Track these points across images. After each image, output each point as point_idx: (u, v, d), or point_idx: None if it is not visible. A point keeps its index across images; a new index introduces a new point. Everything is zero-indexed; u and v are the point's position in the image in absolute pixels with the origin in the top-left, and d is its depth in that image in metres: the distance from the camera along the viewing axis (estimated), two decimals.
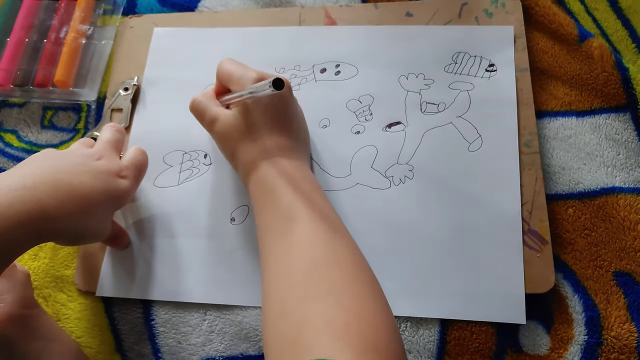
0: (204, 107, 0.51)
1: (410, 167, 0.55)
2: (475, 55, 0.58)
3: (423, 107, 0.57)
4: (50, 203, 0.42)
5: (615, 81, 0.55)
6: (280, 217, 0.44)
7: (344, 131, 0.57)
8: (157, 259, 0.55)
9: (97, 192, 0.46)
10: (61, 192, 0.44)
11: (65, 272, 0.56)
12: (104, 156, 0.50)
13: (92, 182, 0.46)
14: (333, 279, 0.39)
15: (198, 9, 0.67)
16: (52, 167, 0.45)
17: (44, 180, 0.43)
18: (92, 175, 0.47)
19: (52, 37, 0.66)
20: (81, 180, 0.45)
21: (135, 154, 0.53)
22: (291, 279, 0.40)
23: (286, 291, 0.40)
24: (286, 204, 0.45)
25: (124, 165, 0.51)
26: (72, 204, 0.44)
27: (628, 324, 0.48)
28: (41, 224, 0.42)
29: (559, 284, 0.50)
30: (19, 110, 0.64)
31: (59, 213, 0.43)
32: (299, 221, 0.43)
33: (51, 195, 0.43)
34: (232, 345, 0.51)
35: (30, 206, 0.41)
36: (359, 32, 0.62)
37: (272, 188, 0.46)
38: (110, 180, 0.48)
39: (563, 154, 0.55)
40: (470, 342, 0.49)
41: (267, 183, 0.47)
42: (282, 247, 0.43)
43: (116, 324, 0.54)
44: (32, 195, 0.42)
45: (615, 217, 0.52)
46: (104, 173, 0.48)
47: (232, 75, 0.50)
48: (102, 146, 0.51)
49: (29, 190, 0.42)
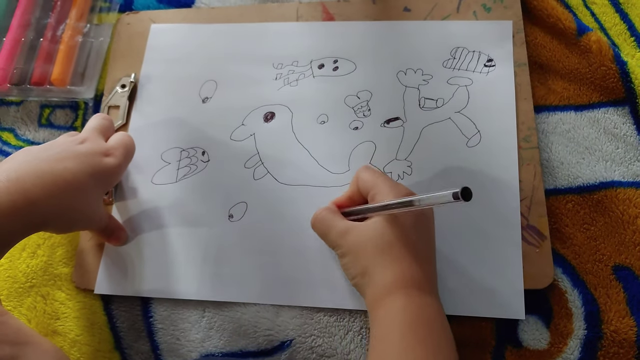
0: (330, 221, 0.47)
1: (409, 163, 0.55)
2: (474, 51, 0.58)
3: (421, 102, 0.57)
4: (36, 192, 0.43)
5: (613, 75, 0.55)
6: None
7: (343, 127, 0.57)
8: (155, 256, 0.55)
9: (82, 175, 0.46)
10: (45, 180, 0.44)
11: (64, 270, 0.56)
12: (88, 139, 0.50)
13: (77, 166, 0.46)
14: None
15: (195, 5, 0.67)
16: (35, 158, 0.46)
17: (27, 172, 0.44)
18: (76, 159, 0.47)
19: (49, 35, 0.65)
20: (65, 166, 0.46)
21: (121, 135, 0.53)
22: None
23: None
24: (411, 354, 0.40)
25: (110, 145, 0.51)
26: (58, 191, 0.45)
27: (627, 318, 0.48)
28: (28, 213, 0.43)
29: (558, 279, 0.50)
30: (17, 109, 0.64)
31: (45, 201, 0.44)
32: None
33: (36, 185, 0.43)
34: (231, 342, 0.51)
35: (15, 197, 0.42)
36: (357, 27, 0.62)
37: (405, 329, 0.41)
38: (96, 160, 0.48)
39: (562, 148, 0.54)
40: (471, 337, 0.49)
41: (400, 320, 0.41)
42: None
43: (115, 321, 0.54)
44: (17, 187, 0.43)
45: (614, 212, 0.51)
46: (88, 155, 0.48)
47: (377, 185, 0.46)
48: (86, 131, 0.52)
49: (13, 182, 0.43)
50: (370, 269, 0.44)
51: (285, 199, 0.55)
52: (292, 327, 0.51)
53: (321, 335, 0.50)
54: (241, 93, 0.60)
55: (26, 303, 0.55)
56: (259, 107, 0.59)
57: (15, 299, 0.55)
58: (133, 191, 0.57)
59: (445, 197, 0.36)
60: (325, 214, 0.48)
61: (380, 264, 0.43)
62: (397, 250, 0.43)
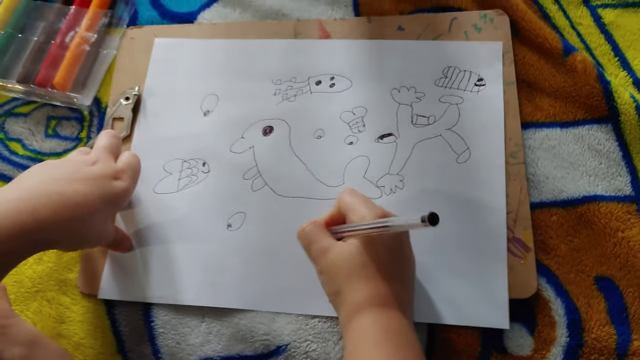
0: (314, 236, 0.48)
1: (401, 178, 0.57)
2: (465, 70, 0.61)
3: (414, 119, 0.59)
4: (45, 213, 0.44)
5: (597, 94, 0.58)
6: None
7: (338, 142, 0.59)
8: (157, 263, 0.57)
9: (92, 198, 0.47)
10: (55, 202, 0.45)
11: (69, 276, 0.58)
12: (99, 160, 0.51)
13: (87, 188, 0.47)
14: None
15: (197, 21, 0.69)
16: (46, 178, 0.47)
17: (38, 192, 0.45)
18: (87, 182, 0.48)
19: (58, 40, 0.68)
20: (74, 188, 0.47)
21: (129, 156, 0.54)
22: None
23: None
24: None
25: (120, 167, 0.52)
26: (67, 213, 0.45)
27: (608, 327, 0.50)
28: (36, 234, 0.44)
29: (542, 288, 0.52)
30: (24, 120, 0.66)
31: (54, 222, 0.44)
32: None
33: (46, 206, 0.44)
34: (229, 346, 0.53)
35: (24, 216, 0.43)
36: (353, 45, 0.64)
37: (374, 342, 0.42)
38: (106, 183, 0.49)
39: (547, 163, 0.57)
40: (457, 344, 0.51)
41: (369, 335, 0.43)
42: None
43: (117, 325, 0.56)
44: (27, 207, 0.43)
45: (596, 224, 0.54)
46: (99, 178, 0.49)
47: (355, 206, 0.47)
48: (97, 151, 0.53)
49: (24, 201, 0.44)
50: (343, 289, 0.45)
51: (282, 210, 0.57)
52: (287, 332, 0.53)
53: (315, 341, 0.52)
54: (241, 107, 0.62)
55: (32, 307, 0.57)
56: (258, 121, 0.61)
57: (21, 303, 0.58)
58: (136, 200, 0.60)
59: (414, 222, 0.38)
60: (310, 228, 0.49)
61: (351, 286, 0.45)
62: (369, 272, 0.44)
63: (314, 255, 0.48)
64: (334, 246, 0.47)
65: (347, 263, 0.45)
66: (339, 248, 0.46)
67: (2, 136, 0.66)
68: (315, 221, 0.50)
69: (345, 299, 0.45)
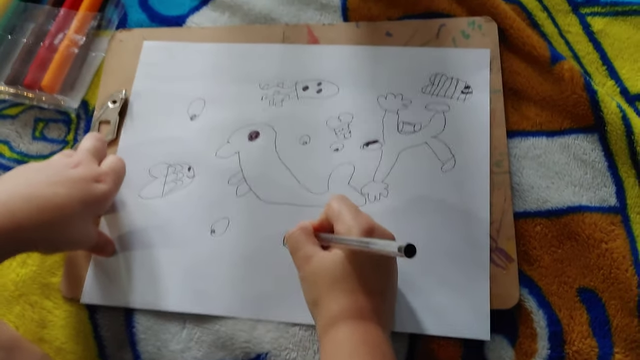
0: (300, 242, 0.48)
1: (385, 185, 0.57)
2: (452, 77, 0.60)
3: (400, 126, 0.59)
4: (23, 216, 0.44)
5: (584, 103, 0.57)
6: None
7: (324, 148, 0.59)
8: (140, 268, 0.57)
9: (72, 201, 0.47)
10: (33, 204, 0.45)
11: (52, 280, 0.58)
12: (82, 163, 0.51)
13: (67, 191, 0.47)
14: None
15: (186, 25, 0.69)
16: (26, 181, 0.47)
17: (17, 194, 0.45)
18: (67, 185, 0.48)
19: (47, 42, 0.68)
20: (54, 191, 0.47)
21: (113, 160, 0.54)
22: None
23: None
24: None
25: (103, 170, 0.52)
26: (46, 215, 0.45)
27: (590, 339, 0.50)
28: (15, 235, 0.44)
29: (525, 299, 0.52)
30: (12, 122, 0.66)
31: (32, 225, 0.44)
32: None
33: (23, 209, 0.44)
34: (210, 353, 0.53)
35: (2, 219, 0.43)
36: (342, 51, 0.64)
37: (349, 354, 0.42)
38: (87, 186, 0.49)
39: (532, 172, 0.56)
40: (438, 354, 0.51)
41: (345, 347, 0.42)
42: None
43: (99, 330, 0.56)
44: (5, 209, 0.44)
45: (580, 235, 0.53)
46: (80, 181, 0.49)
47: (341, 216, 0.46)
48: (80, 154, 0.53)
49: (3, 204, 0.44)
50: (321, 299, 0.45)
51: (266, 216, 0.57)
52: (267, 340, 0.53)
53: (295, 349, 0.52)
54: (228, 112, 0.62)
55: (15, 311, 0.57)
56: (245, 126, 0.61)
57: (4, 307, 0.58)
58: (121, 204, 0.59)
59: (391, 249, 0.38)
60: (298, 234, 0.48)
61: (330, 296, 0.44)
62: (350, 284, 0.44)
63: (298, 261, 0.48)
64: (318, 255, 0.46)
65: (329, 273, 0.45)
66: (321, 257, 0.46)
67: None
68: (304, 227, 0.49)
69: (323, 309, 0.45)
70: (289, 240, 0.49)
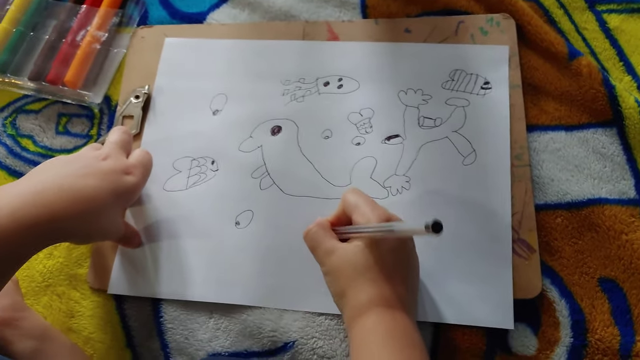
0: (320, 238, 0.48)
1: (407, 179, 0.58)
2: (472, 73, 0.61)
3: (421, 121, 0.60)
4: (58, 207, 0.45)
5: (602, 98, 0.58)
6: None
7: (345, 142, 0.60)
8: (165, 259, 0.58)
9: (103, 193, 0.48)
10: (68, 196, 0.46)
11: (79, 271, 0.59)
12: (110, 156, 0.52)
13: (98, 183, 0.48)
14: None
15: (206, 22, 0.70)
16: (58, 173, 0.48)
17: (51, 186, 0.46)
18: (98, 176, 0.49)
19: (69, 39, 0.69)
20: (86, 183, 0.48)
21: (141, 153, 0.55)
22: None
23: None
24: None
25: (131, 163, 0.53)
26: (79, 206, 0.46)
27: (611, 328, 0.51)
28: (50, 226, 0.45)
29: (547, 289, 0.53)
30: (35, 117, 0.67)
31: (66, 216, 0.45)
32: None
33: (59, 199, 0.45)
34: (237, 342, 0.54)
35: (39, 210, 0.44)
36: (362, 48, 0.65)
37: (379, 342, 0.43)
38: (117, 178, 0.50)
39: (552, 165, 0.57)
40: (462, 343, 0.52)
41: (374, 335, 0.43)
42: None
43: (127, 320, 0.57)
44: (41, 200, 0.45)
45: (600, 227, 0.54)
46: (109, 172, 0.50)
47: (359, 208, 0.47)
48: (109, 147, 0.53)
49: (38, 195, 0.45)
50: (347, 290, 0.45)
51: (290, 208, 0.58)
52: (294, 329, 0.54)
53: (322, 338, 0.53)
54: (250, 107, 0.63)
55: (42, 301, 0.58)
56: (267, 121, 0.62)
57: (32, 297, 0.59)
58: (146, 197, 0.60)
59: (417, 228, 0.38)
60: (315, 230, 0.49)
61: (355, 287, 0.45)
62: (373, 273, 0.45)
63: (319, 257, 0.48)
64: (338, 248, 0.47)
65: (351, 265, 0.46)
66: (343, 250, 0.47)
67: (14, 132, 0.67)
68: (320, 222, 0.50)
69: (349, 300, 0.45)
70: (307, 239, 0.50)
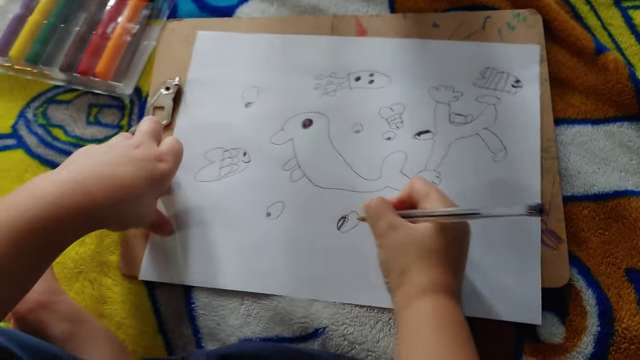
0: (384, 211, 0.49)
1: (438, 174, 0.58)
2: (503, 72, 0.62)
3: (451, 118, 0.61)
4: (99, 194, 0.46)
5: (628, 92, 0.59)
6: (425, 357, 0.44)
7: (376, 137, 0.61)
8: (196, 247, 0.58)
9: (139, 180, 0.49)
10: (107, 184, 0.47)
11: (110, 258, 0.60)
12: (143, 144, 0.53)
13: (134, 171, 0.49)
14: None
15: (235, 15, 0.71)
16: (97, 161, 0.49)
17: (90, 174, 0.47)
18: (133, 164, 0.50)
19: (100, 31, 0.70)
20: (124, 170, 0.49)
21: (172, 140, 0.56)
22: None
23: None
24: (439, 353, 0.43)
25: (163, 150, 0.54)
26: (119, 194, 0.47)
27: (638, 317, 0.52)
28: (91, 213, 0.46)
29: (574, 279, 0.54)
30: (66, 107, 0.68)
31: (106, 203, 0.46)
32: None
33: (99, 187, 0.46)
34: (268, 328, 0.55)
35: (80, 197, 0.45)
36: (392, 44, 0.66)
37: (436, 328, 0.44)
38: (150, 165, 0.51)
39: (579, 158, 0.58)
40: (493, 330, 0.53)
41: (430, 319, 0.44)
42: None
43: (158, 306, 0.58)
44: (82, 188, 0.46)
45: (627, 218, 0.55)
46: (143, 160, 0.51)
47: (431, 195, 0.49)
48: (140, 135, 0.54)
49: (79, 183, 0.46)
50: (409, 270, 0.46)
51: (320, 201, 0.59)
52: (325, 316, 0.55)
53: (352, 324, 0.54)
54: (281, 100, 0.64)
55: (75, 287, 0.59)
56: (298, 114, 0.63)
57: (64, 284, 0.60)
58: (177, 186, 0.61)
59: (518, 211, 0.40)
60: (380, 201, 0.50)
61: (419, 268, 0.46)
62: (437, 258, 0.46)
63: (381, 229, 0.49)
64: (405, 225, 0.48)
65: (417, 245, 0.47)
66: (410, 228, 0.47)
67: (45, 122, 0.68)
68: (382, 198, 0.51)
69: (410, 279, 0.46)
70: (369, 209, 0.50)
